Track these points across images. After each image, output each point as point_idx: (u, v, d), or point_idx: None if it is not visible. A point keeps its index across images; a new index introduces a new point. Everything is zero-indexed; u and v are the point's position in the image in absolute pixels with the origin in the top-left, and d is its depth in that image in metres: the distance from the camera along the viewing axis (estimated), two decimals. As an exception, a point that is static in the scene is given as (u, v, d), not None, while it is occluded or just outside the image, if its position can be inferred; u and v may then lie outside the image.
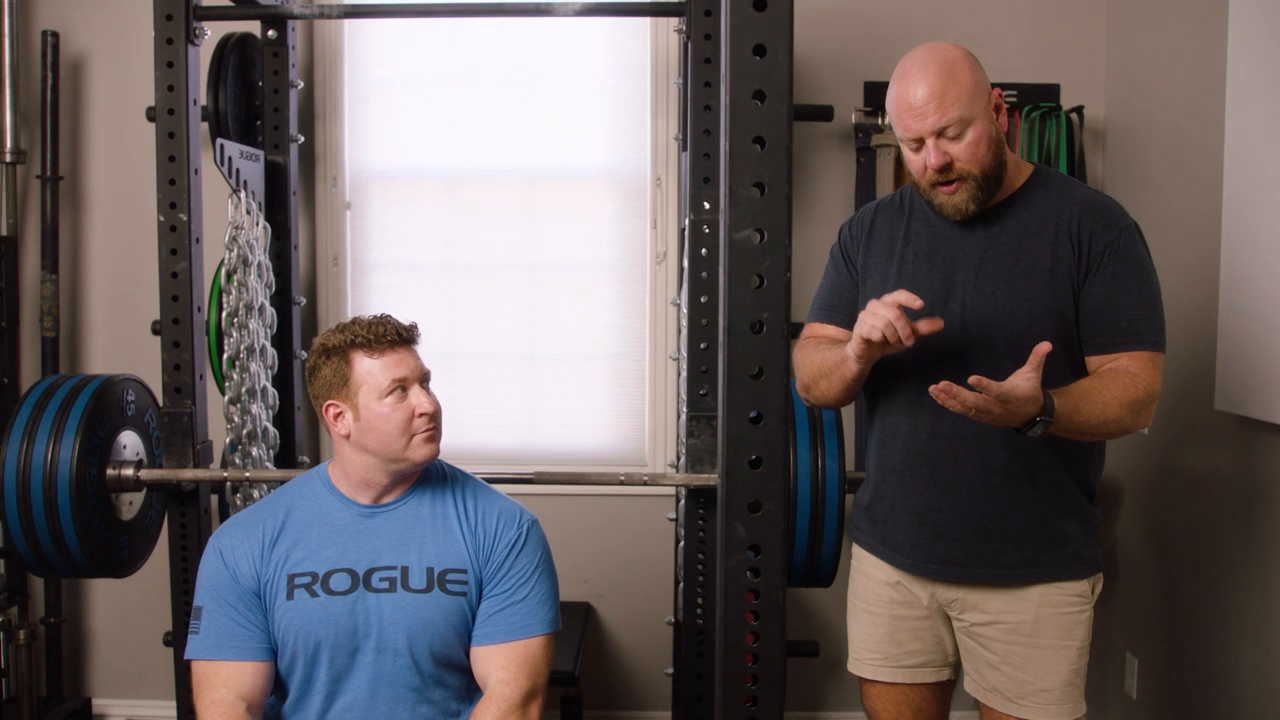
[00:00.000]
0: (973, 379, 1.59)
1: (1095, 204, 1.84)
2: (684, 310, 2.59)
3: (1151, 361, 1.78)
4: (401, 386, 1.79)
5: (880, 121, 3.13)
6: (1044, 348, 1.63)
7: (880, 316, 1.68)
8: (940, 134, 1.76)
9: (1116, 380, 1.75)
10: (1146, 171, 2.97)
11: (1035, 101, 3.07)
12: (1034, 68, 3.17)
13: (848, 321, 1.99)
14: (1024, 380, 1.62)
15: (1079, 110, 3.08)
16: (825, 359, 1.88)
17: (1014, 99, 3.07)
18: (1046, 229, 1.82)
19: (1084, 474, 1.88)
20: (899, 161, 3.08)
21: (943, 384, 1.61)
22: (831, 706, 3.38)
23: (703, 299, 2.45)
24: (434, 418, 1.81)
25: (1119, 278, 1.79)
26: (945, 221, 1.88)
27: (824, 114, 3.04)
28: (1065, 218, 1.81)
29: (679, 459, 2.81)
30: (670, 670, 3.01)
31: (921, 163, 1.80)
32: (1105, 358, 1.80)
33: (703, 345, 2.45)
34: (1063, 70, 3.16)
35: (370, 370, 1.78)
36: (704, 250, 2.45)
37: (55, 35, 3.19)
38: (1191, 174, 2.69)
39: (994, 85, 1.83)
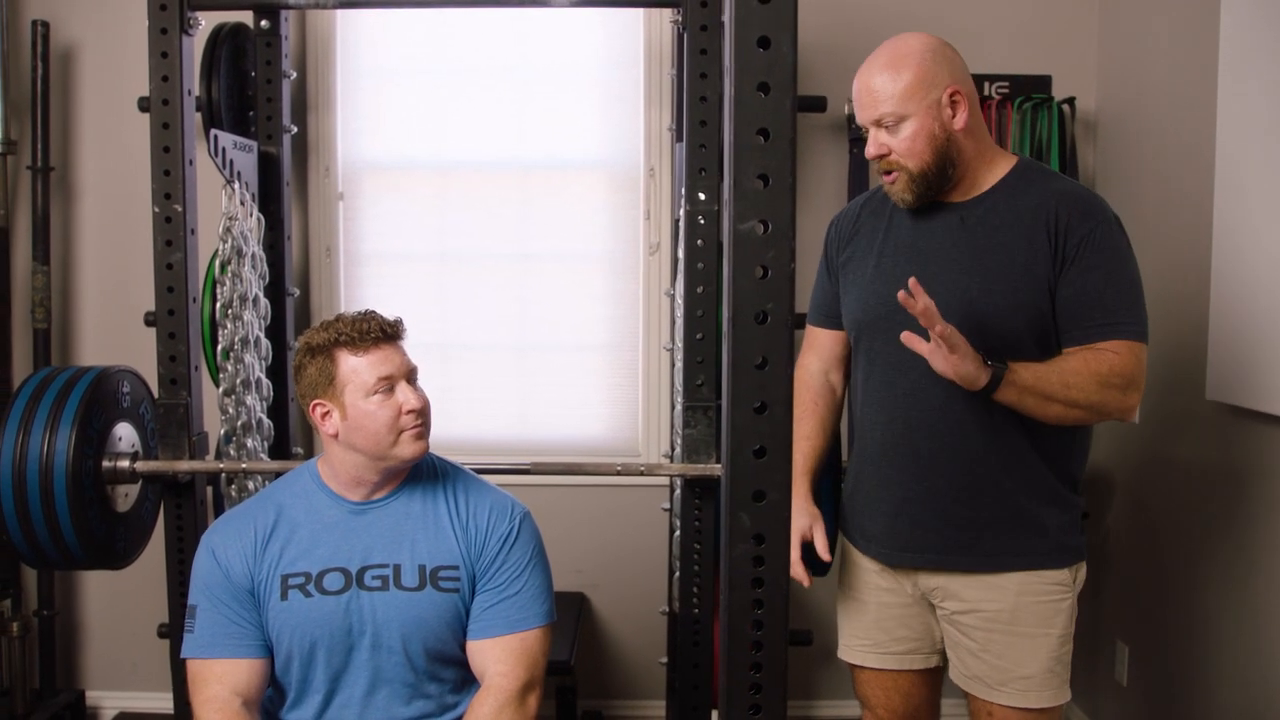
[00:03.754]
0: (911, 281, 1.68)
1: (1073, 196, 1.83)
2: (679, 301, 2.59)
3: (1130, 349, 1.77)
4: (388, 384, 1.77)
5: (873, 113, 3.13)
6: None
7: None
8: (879, 125, 1.83)
9: (1085, 355, 1.76)
10: (1138, 162, 2.99)
11: (1027, 93, 3.07)
12: (1026, 59, 3.18)
13: (830, 323, 2.09)
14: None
15: (1071, 101, 3.09)
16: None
17: (1006, 90, 3.07)
18: (1023, 222, 1.82)
19: (1064, 462, 1.88)
20: (892, 153, 3.09)
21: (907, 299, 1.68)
22: (825, 695, 3.40)
23: (699, 289, 2.46)
24: (421, 414, 1.80)
25: (1096, 269, 1.78)
26: (924, 213, 1.91)
27: (817, 105, 3.04)
28: (1043, 210, 1.81)
29: (673, 449, 2.82)
30: (664, 660, 3.02)
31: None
32: (1082, 349, 1.79)
33: (698, 336, 2.46)
34: (1055, 62, 3.17)
35: (356, 368, 1.77)
36: (700, 241, 2.45)
37: (45, 25, 3.17)
38: (1183, 164, 2.70)
39: (986, 76, 1.85)
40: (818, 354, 2.12)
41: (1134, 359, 1.77)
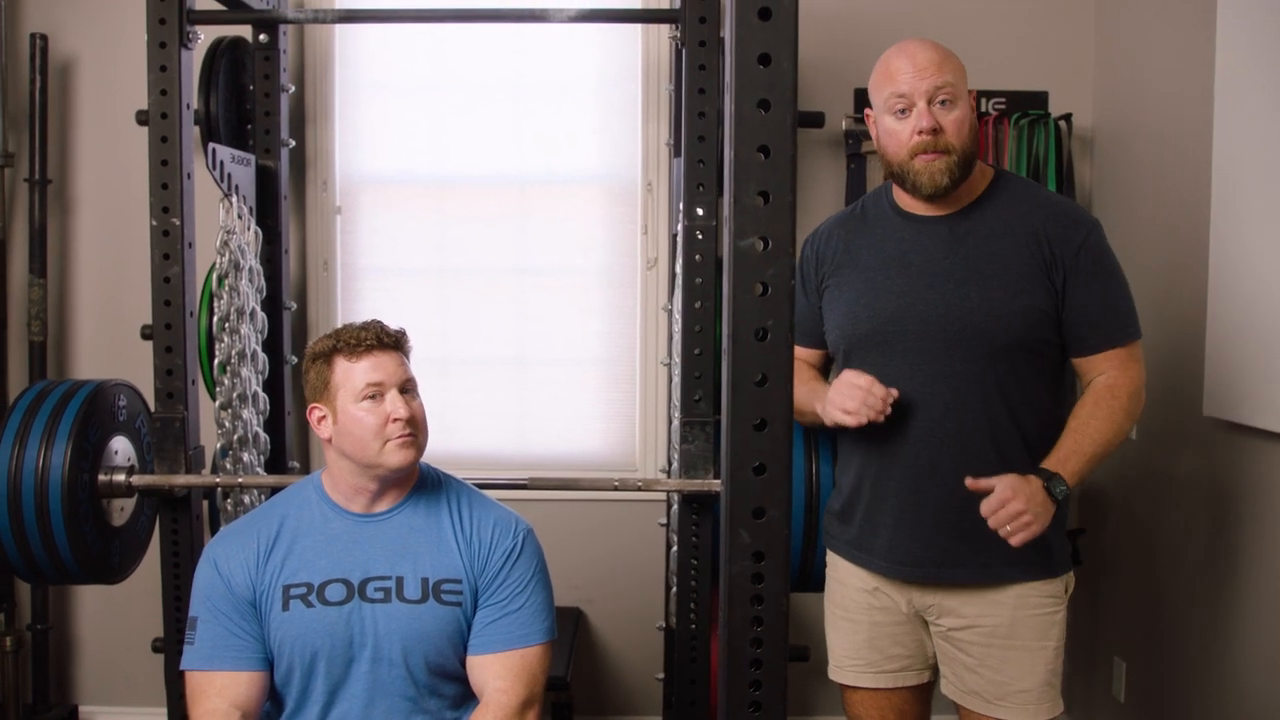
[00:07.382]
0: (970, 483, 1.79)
1: (1058, 207, 1.90)
2: (677, 316, 2.59)
3: (1132, 355, 1.87)
4: (378, 391, 1.79)
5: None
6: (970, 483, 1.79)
7: (870, 406, 1.81)
8: (933, 100, 1.81)
9: (1100, 401, 1.84)
10: (1135, 178, 2.99)
11: (1024, 109, 3.09)
12: (1022, 75, 3.19)
13: (811, 341, 2.09)
14: (1000, 481, 1.77)
15: (1067, 118, 3.10)
16: (801, 396, 1.97)
17: (1003, 106, 3.09)
18: (1013, 232, 1.86)
19: None
20: (889, 168, 3.09)
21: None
22: (821, 711, 3.38)
23: (696, 305, 2.45)
24: (409, 423, 1.79)
25: (1096, 278, 1.85)
26: (909, 225, 1.92)
27: (815, 120, 3.05)
28: (1031, 222, 1.86)
29: (670, 464, 2.81)
30: (661, 676, 3.01)
31: (909, 129, 1.83)
32: (1093, 359, 1.86)
33: (696, 351, 2.46)
34: (1051, 78, 3.18)
35: (348, 373, 1.79)
36: (698, 256, 2.45)
37: (44, 38, 3.17)
38: (1179, 180, 2.71)
39: (983, 92, 1.90)
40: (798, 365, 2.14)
41: (1138, 364, 1.89)
